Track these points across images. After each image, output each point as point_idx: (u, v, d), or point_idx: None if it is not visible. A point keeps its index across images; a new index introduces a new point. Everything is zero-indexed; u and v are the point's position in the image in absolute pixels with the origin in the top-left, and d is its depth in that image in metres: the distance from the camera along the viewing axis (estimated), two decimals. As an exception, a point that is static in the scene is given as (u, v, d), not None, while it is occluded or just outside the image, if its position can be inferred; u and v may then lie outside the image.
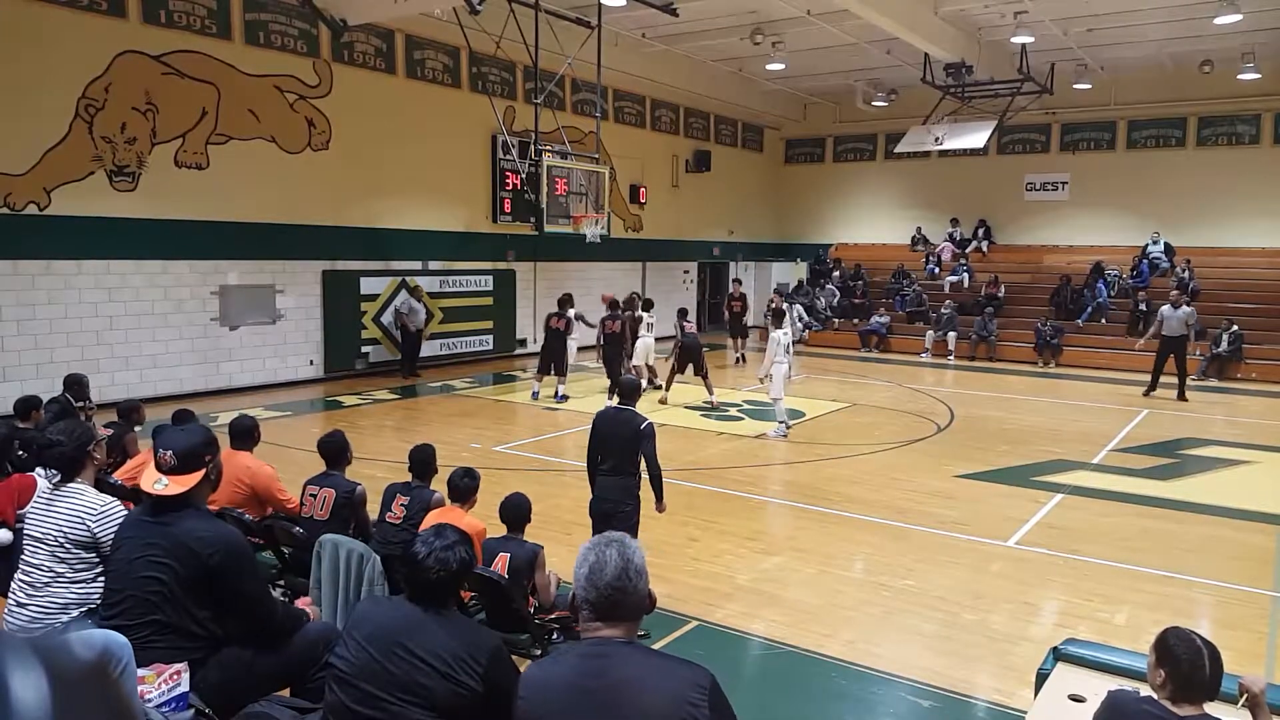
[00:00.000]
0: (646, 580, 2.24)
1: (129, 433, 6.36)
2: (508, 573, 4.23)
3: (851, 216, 25.14)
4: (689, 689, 2.05)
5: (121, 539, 3.18)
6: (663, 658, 2.25)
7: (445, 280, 16.38)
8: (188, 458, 3.05)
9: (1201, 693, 2.58)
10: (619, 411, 5.50)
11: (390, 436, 10.68)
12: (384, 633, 2.50)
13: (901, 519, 7.62)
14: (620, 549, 2.22)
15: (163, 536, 2.98)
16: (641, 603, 2.23)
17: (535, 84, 13.13)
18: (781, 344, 11.04)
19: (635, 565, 2.21)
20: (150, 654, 2.94)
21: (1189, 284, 18.72)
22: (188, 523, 3.00)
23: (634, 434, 5.31)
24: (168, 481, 3.00)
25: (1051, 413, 13.27)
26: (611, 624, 2.18)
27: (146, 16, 11.93)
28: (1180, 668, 2.58)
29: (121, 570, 3.06)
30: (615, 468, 5.38)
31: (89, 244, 11.61)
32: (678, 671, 2.12)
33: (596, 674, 2.12)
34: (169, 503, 3.02)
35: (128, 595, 3.00)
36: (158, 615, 2.97)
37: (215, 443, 3.23)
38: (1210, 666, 2.57)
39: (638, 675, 2.09)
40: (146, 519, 3.09)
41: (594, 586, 2.17)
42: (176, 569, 2.94)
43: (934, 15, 15.31)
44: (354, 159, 14.53)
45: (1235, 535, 7.44)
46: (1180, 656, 2.59)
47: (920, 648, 5.14)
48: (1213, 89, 18.90)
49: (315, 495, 4.96)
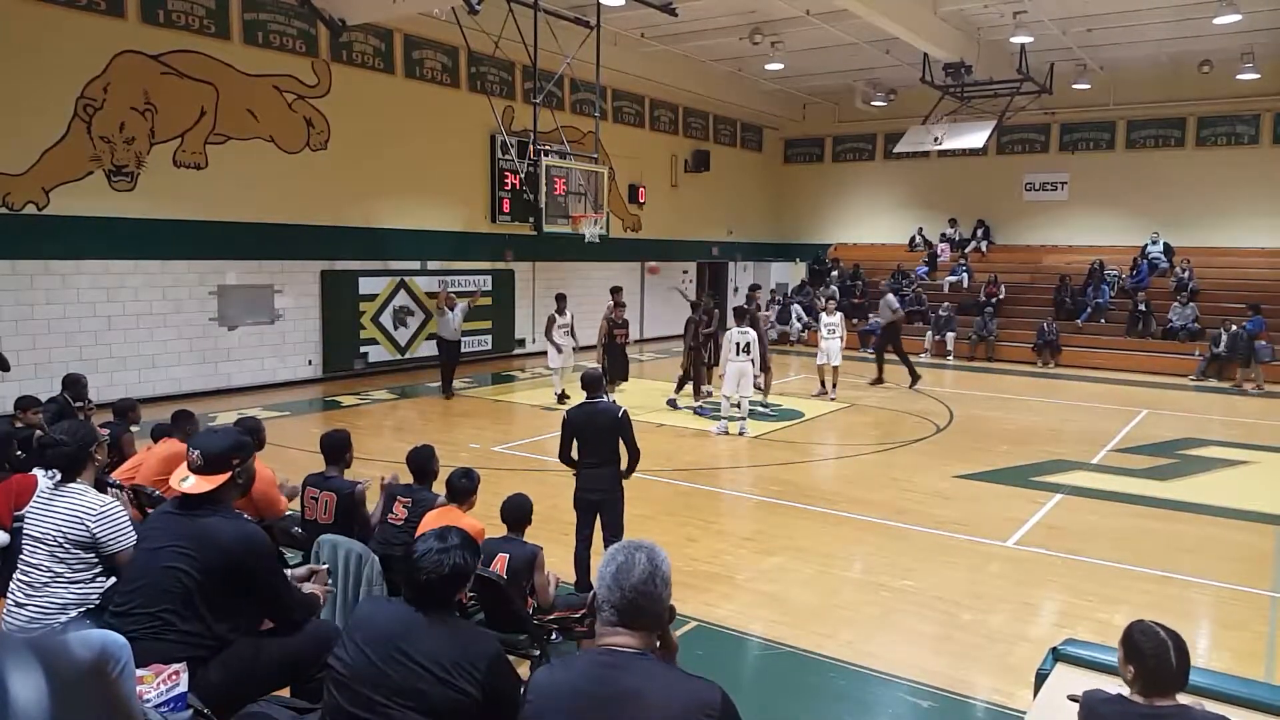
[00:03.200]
0: (670, 591, 2.22)
1: (126, 432, 6.36)
2: (506, 573, 4.22)
3: (850, 216, 25.15)
4: (700, 705, 2.02)
5: (148, 530, 3.28)
6: (674, 672, 2.20)
7: (444, 280, 16.36)
8: (214, 459, 3.16)
9: (1171, 685, 2.59)
10: (592, 404, 5.72)
11: (389, 437, 10.68)
12: (383, 635, 2.49)
13: (900, 519, 7.61)
14: (650, 555, 2.20)
15: (188, 530, 3.09)
16: (662, 613, 2.20)
17: (534, 84, 13.12)
18: (736, 343, 11.04)
19: (662, 574, 2.19)
20: (159, 645, 2.96)
21: (1187, 284, 18.76)
22: (213, 519, 3.11)
23: (613, 423, 5.59)
24: (194, 480, 3.13)
25: (1051, 413, 13.28)
26: (629, 631, 2.15)
27: (145, 16, 11.92)
28: (1146, 662, 2.60)
29: (144, 558, 3.14)
30: (600, 459, 5.62)
31: (87, 244, 11.60)
32: (688, 687, 2.08)
33: (606, 683, 2.08)
34: (195, 500, 3.13)
35: (147, 583, 3.06)
36: (172, 605, 3.01)
37: (247, 448, 3.32)
38: (1176, 658, 2.58)
39: (648, 688, 2.06)
40: (174, 513, 3.20)
41: (619, 587, 2.14)
42: (199, 561, 3.03)
43: (933, 15, 15.32)
44: (353, 159, 14.53)
45: (1234, 535, 7.44)
46: (1145, 651, 2.61)
47: (919, 648, 5.14)
48: (1212, 89, 18.91)
49: (316, 499, 4.94)
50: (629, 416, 5.66)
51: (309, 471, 5.24)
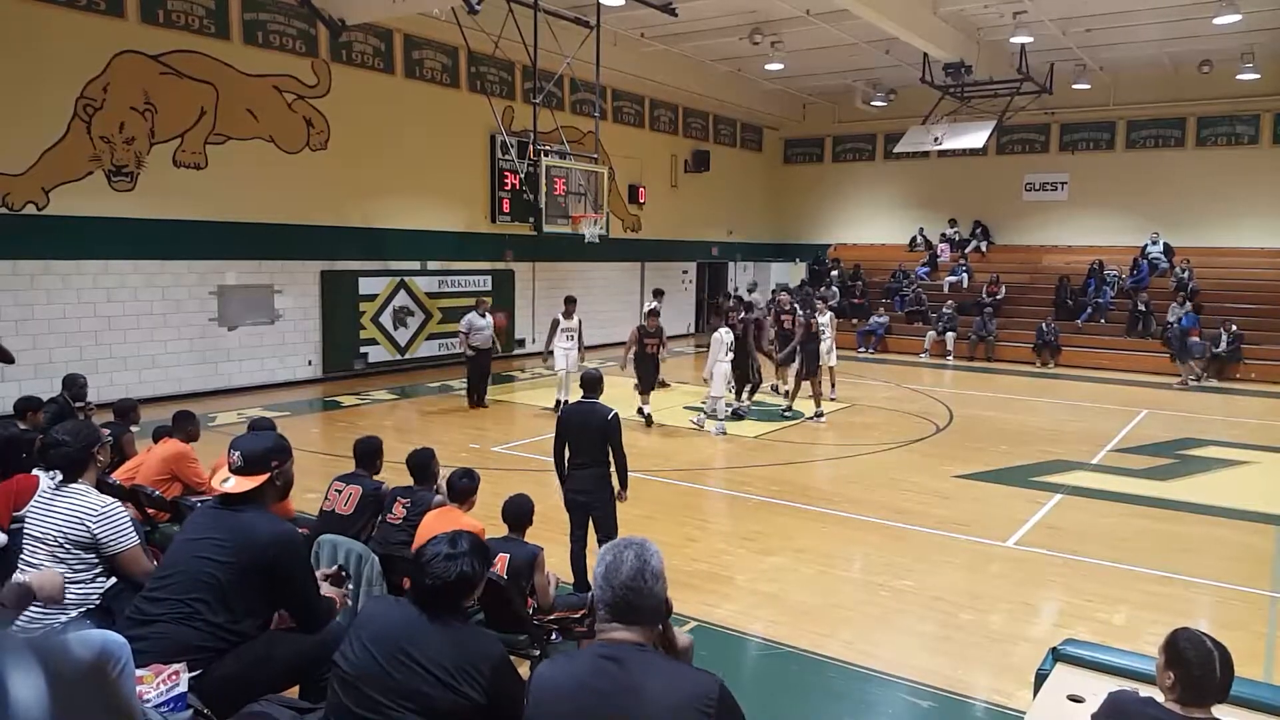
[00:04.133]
0: (664, 585, 2.24)
1: (126, 433, 6.36)
2: (506, 573, 4.22)
3: (850, 217, 25.14)
4: (698, 698, 2.06)
5: (189, 523, 3.41)
6: (674, 665, 2.25)
7: (444, 280, 16.38)
8: (253, 460, 3.28)
9: (1212, 696, 2.55)
10: (586, 405, 5.70)
11: (389, 437, 10.58)
12: (388, 636, 2.49)
13: (900, 519, 7.61)
14: (638, 551, 2.23)
15: (227, 524, 3.20)
16: (657, 606, 2.23)
17: (534, 84, 13.12)
18: (724, 343, 11.08)
19: (652, 568, 2.22)
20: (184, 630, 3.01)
21: (1187, 284, 18.75)
22: (251, 517, 3.22)
23: (602, 425, 5.54)
24: (234, 480, 3.25)
25: (1050, 413, 13.28)
26: (626, 627, 2.18)
27: (145, 16, 11.92)
28: (1191, 671, 2.54)
29: (181, 548, 3.22)
30: (588, 460, 5.61)
31: (87, 244, 11.60)
32: (688, 678, 2.14)
33: (606, 676, 2.12)
34: (234, 499, 3.26)
35: (180, 571, 3.13)
36: (202, 595, 3.07)
37: (285, 450, 3.42)
38: (1221, 669, 2.53)
39: (647, 681, 2.10)
40: (215, 508, 3.32)
41: (609, 586, 2.19)
42: (234, 555, 3.11)
43: (933, 15, 15.32)
44: (352, 159, 14.52)
45: (1234, 535, 7.44)
46: (1190, 660, 2.54)
47: (919, 648, 5.14)
48: (1212, 89, 18.91)
49: (341, 491, 5.01)
50: (619, 420, 5.63)
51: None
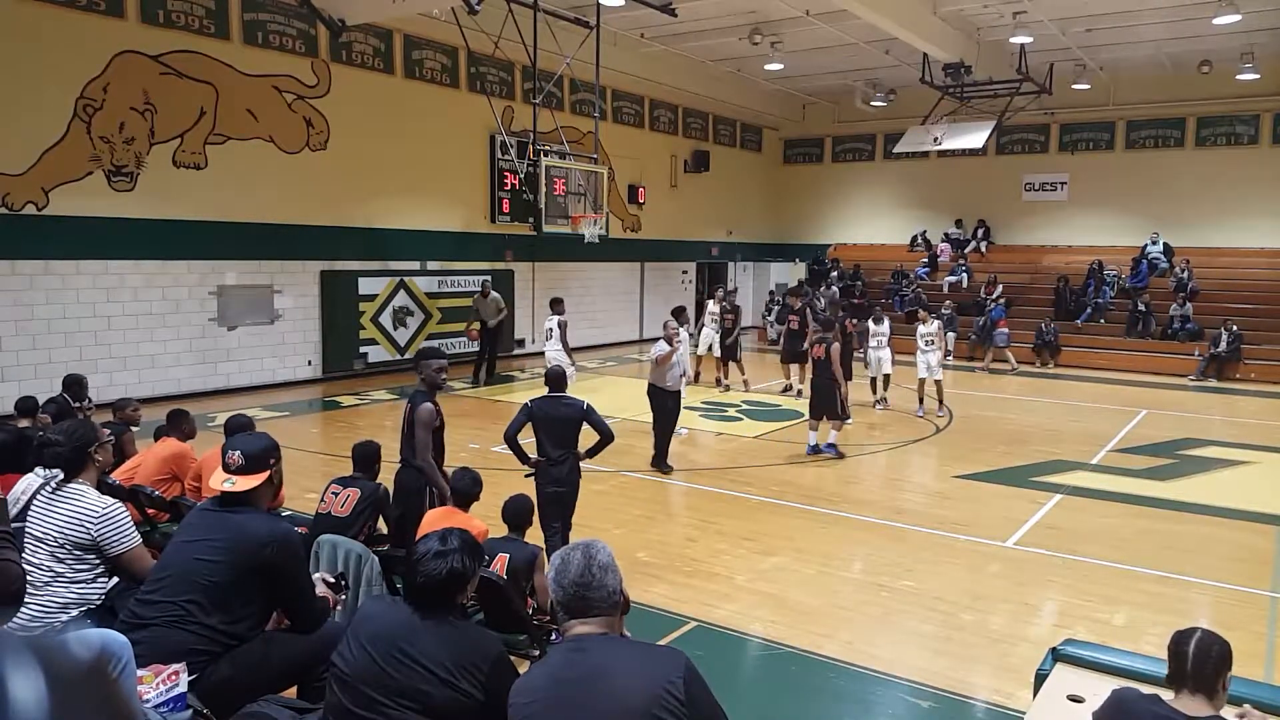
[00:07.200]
0: (616, 575, 2.30)
1: (125, 432, 6.35)
2: (506, 573, 4.22)
3: (850, 217, 25.14)
4: (665, 672, 2.11)
5: (185, 524, 3.40)
6: (639, 645, 2.32)
7: (443, 280, 16.37)
8: (254, 460, 3.29)
9: (1179, 678, 2.60)
10: (553, 399, 5.91)
11: (390, 437, 10.62)
12: (386, 635, 2.50)
13: (900, 519, 7.61)
14: (585, 549, 2.32)
15: (225, 525, 3.19)
16: (611, 596, 2.28)
17: (534, 84, 13.12)
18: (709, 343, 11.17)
19: (599, 561, 2.29)
20: (177, 633, 3.00)
21: (1187, 284, 18.75)
22: (249, 517, 3.22)
23: (579, 415, 5.81)
24: (235, 480, 3.25)
25: (1050, 413, 13.28)
26: (585, 620, 2.25)
27: (145, 16, 11.92)
28: (1170, 652, 2.65)
29: (177, 550, 3.22)
30: (562, 453, 5.82)
31: (87, 244, 11.59)
32: (653, 656, 2.21)
33: (574, 666, 2.19)
34: (233, 499, 3.26)
35: (176, 572, 3.13)
36: (196, 597, 3.06)
37: (278, 449, 3.46)
38: (1195, 652, 2.58)
39: (613, 663, 2.17)
40: (212, 509, 3.31)
41: (560, 586, 2.27)
42: (232, 555, 3.11)
43: (933, 15, 15.31)
44: (352, 159, 14.52)
45: (1234, 536, 7.44)
46: (1171, 644, 2.66)
47: (919, 648, 5.13)
48: (1212, 89, 18.91)
49: (338, 494, 5.02)
50: (593, 406, 5.86)
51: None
